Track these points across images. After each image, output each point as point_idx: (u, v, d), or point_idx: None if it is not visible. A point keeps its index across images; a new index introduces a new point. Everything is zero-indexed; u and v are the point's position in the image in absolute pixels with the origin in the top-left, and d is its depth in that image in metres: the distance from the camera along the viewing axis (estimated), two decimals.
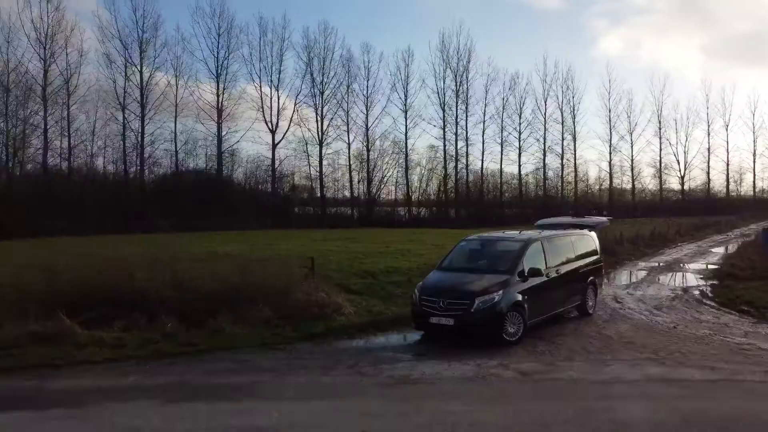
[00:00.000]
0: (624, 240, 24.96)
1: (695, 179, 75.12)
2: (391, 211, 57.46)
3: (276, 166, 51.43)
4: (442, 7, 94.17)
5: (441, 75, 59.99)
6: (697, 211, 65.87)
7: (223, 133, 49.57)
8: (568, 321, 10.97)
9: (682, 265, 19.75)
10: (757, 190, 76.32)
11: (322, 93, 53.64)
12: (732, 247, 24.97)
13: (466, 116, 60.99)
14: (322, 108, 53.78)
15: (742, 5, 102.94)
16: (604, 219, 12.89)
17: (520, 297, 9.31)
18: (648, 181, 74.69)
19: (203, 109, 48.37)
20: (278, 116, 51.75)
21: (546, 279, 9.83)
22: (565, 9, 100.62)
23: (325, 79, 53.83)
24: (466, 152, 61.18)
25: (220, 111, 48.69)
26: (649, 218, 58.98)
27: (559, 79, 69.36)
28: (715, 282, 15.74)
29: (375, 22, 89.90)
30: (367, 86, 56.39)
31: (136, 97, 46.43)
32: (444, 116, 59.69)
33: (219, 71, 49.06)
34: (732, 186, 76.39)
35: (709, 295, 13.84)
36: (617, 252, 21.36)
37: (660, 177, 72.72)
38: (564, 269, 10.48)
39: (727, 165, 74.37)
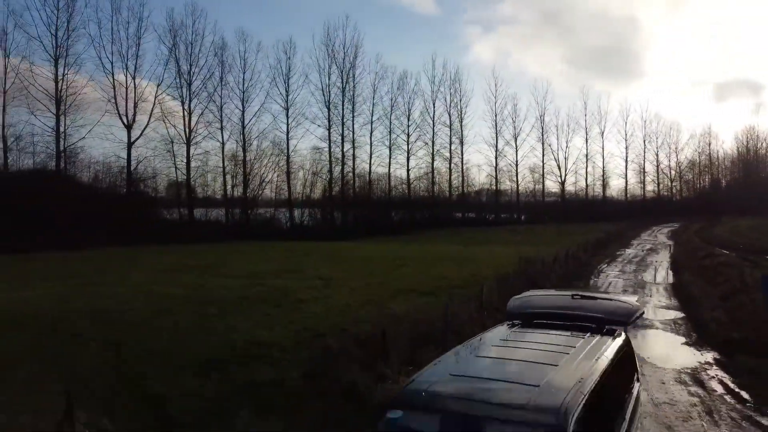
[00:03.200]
0: (543, 265, 20.26)
1: (574, 184, 74.96)
2: (270, 217, 50.15)
3: (133, 168, 42.54)
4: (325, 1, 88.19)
5: (326, 71, 53.95)
6: (577, 215, 65.18)
7: (66, 127, 40.07)
8: None
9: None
10: (628, 195, 77.84)
11: (189, 84, 45.50)
12: (662, 275, 20.86)
13: (353, 116, 55.35)
14: (190, 101, 45.66)
15: (596, 21, 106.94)
16: (633, 303, 6.83)
17: None
18: (531, 187, 73.52)
19: (37, 98, 38.57)
20: (135, 109, 42.94)
21: None
22: (439, 14, 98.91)
23: (194, 69, 45.76)
24: (353, 155, 55.57)
25: (59, 101, 39.06)
26: (540, 226, 56.66)
27: (447, 81, 66.13)
28: (717, 356, 10.82)
29: (252, 8, 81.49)
30: (243, 79, 49.04)
31: None
32: (329, 115, 53.61)
33: (58, 53, 39.41)
34: (599, 190, 77.09)
35: (746, 398, 8.69)
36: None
37: (543, 183, 71.65)
38: None
39: (603, 171, 74.88)
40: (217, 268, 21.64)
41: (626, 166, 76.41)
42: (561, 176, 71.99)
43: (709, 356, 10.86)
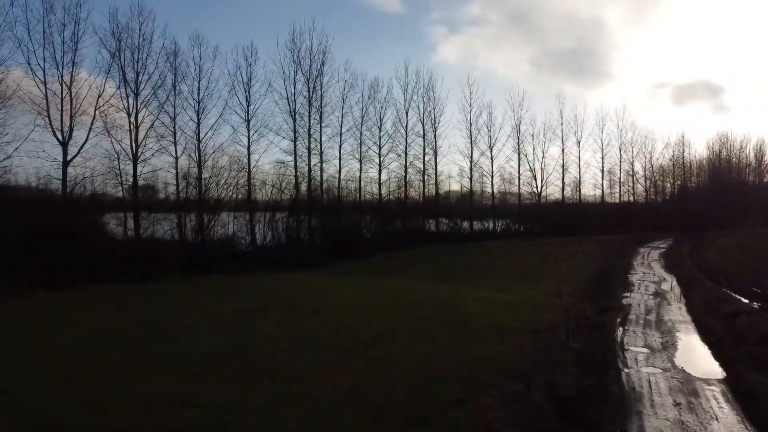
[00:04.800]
0: (558, 346, 15.97)
1: (547, 196, 71.47)
2: (228, 240, 44.71)
3: (69, 190, 36.68)
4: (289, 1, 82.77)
5: (291, 78, 48.87)
6: (552, 226, 61.96)
7: None
8: None
9: None
10: (604, 204, 74.90)
11: (136, 94, 39.81)
12: (707, 363, 16.53)
13: (320, 128, 50.40)
14: (137, 113, 39.91)
15: (563, 22, 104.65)
16: None
17: None
18: (504, 192, 69.81)
19: None
20: (72, 123, 37.05)
21: None
22: (405, 14, 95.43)
23: (142, 77, 40.04)
24: (321, 169, 50.57)
25: None
26: (518, 242, 52.67)
27: (421, 89, 61.83)
28: None
29: (206, 10, 75.44)
30: (199, 87, 43.53)
31: None
32: (295, 126, 48.48)
33: None
34: (574, 198, 73.83)
35: None
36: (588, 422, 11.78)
37: (519, 193, 67.93)
38: None
39: (579, 181, 71.72)
40: (141, 347, 16.58)
41: (602, 176, 73.46)
42: (537, 186, 68.46)
43: None
